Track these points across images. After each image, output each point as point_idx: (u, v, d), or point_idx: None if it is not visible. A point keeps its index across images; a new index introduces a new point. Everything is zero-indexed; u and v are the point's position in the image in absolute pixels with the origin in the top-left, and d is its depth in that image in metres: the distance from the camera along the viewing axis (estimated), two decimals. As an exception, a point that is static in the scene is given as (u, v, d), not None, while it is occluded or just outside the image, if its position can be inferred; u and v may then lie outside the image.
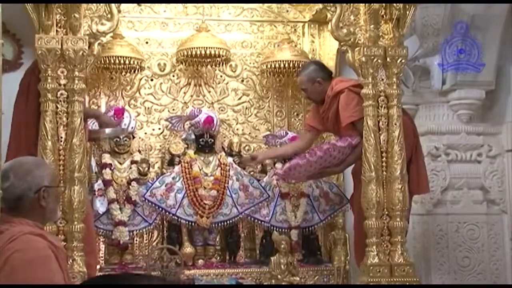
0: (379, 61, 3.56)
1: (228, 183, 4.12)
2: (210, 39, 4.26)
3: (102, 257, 4.04)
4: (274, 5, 4.57)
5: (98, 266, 3.74)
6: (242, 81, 4.59)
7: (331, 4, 3.67)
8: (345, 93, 3.73)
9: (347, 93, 3.72)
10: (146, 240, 4.18)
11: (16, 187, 2.13)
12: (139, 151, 4.18)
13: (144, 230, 4.07)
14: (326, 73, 4.00)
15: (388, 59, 3.57)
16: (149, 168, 4.14)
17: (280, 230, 4.12)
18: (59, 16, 3.32)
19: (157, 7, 4.45)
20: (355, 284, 3.69)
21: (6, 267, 1.98)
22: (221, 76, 4.55)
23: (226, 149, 4.33)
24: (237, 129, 4.54)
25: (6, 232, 2.05)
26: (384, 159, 3.56)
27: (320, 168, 3.78)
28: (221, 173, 4.13)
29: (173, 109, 4.47)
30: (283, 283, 3.77)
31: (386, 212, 3.55)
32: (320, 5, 4.05)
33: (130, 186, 4.02)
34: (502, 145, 4.54)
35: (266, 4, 4.56)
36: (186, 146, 4.21)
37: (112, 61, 4.15)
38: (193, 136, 4.20)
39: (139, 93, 4.45)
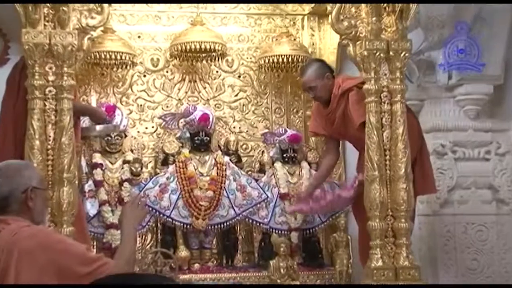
0: (382, 55, 3.56)
1: (224, 184, 4.13)
2: (205, 33, 4.27)
3: (93, 261, 4.04)
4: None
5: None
6: (239, 76, 4.59)
7: (331, -5, 3.68)
8: (354, 91, 3.74)
9: (357, 92, 3.73)
10: (139, 243, 4.18)
11: (3, 187, 2.17)
12: (132, 151, 4.19)
13: (137, 233, 4.06)
14: (330, 69, 4.04)
15: (391, 53, 3.57)
16: (142, 168, 4.15)
17: (279, 232, 4.14)
18: (47, 10, 3.32)
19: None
20: (354, 284, 3.70)
21: (24, 256, 2.07)
22: (217, 71, 4.56)
23: (222, 147, 4.34)
24: (234, 127, 4.54)
25: (4, 231, 2.13)
26: (387, 157, 3.56)
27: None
28: (217, 173, 4.14)
29: (167, 106, 4.48)
30: (283, 287, 3.78)
31: (390, 213, 3.56)
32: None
33: (122, 187, 4.04)
34: (512, 142, 4.56)
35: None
36: (180, 145, 4.22)
37: (103, 57, 4.16)
38: (188, 135, 4.21)
39: (131, 89, 4.45)
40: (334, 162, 4.15)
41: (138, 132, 4.42)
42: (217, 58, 4.42)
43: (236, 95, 4.58)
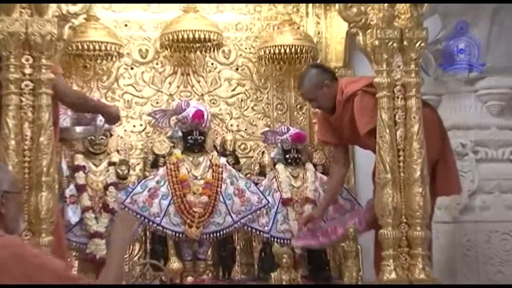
0: (395, 45, 3.56)
1: (221, 188, 4.14)
2: (199, 21, 4.28)
3: (75, 274, 4.04)
4: (273, -19, 4.60)
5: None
6: (237, 69, 4.60)
7: (339, -21, 3.68)
8: (358, 96, 3.75)
9: (361, 96, 3.74)
10: (126, 254, 4.19)
11: None
12: (118, 151, 4.19)
13: (127, 244, 4.07)
14: (330, 73, 4.04)
15: (405, 43, 3.57)
16: (129, 171, 4.16)
17: (281, 241, 4.13)
18: (23, -5, 3.32)
19: (138, -16, 4.47)
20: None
21: None
22: (212, 63, 4.57)
23: (218, 148, 4.34)
24: (231, 125, 4.56)
25: None
26: (401, 158, 3.56)
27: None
28: (212, 176, 4.14)
29: (157, 102, 4.49)
30: (286, 302, 3.79)
31: (405, 220, 3.55)
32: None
33: (107, 192, 4.04)
34: (539, 142, 4.55)
35: (263, -19, 4.59)
36: (172, 145, 4.23)
37: (86, 47, 4.17)
38: (180, 134, 4.21)
39: (117, 84, 4.46)
40: (345, 173, 4.16)
41: (125, 131, 4.42)
42: (212, 49, 4.43)
43: (234, 90, 4.59)
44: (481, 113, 4.54)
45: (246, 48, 4.61)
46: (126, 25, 4.49)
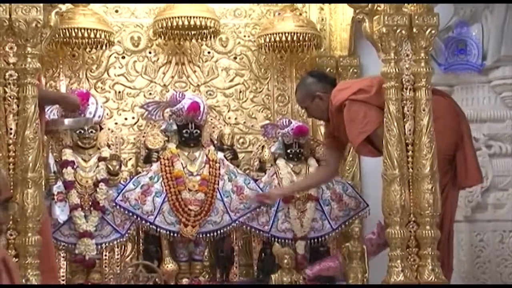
0: (404, 32, 3.55)
1: (218, 184, 4.14)
2: (195, 7, 4.27)
3: (63, 276, 4.05)
4: (273, -36, 4.59)
5: (58, 288, 3.76)
6: (235, 58, 4.60)
7: (343, -38, 3.68)
8: (346, 106, 3.76)
9: (349, 106, 3.75)
10: (117, 255, 4.19)
11: None
12: (108, 146, 4.19)
13: (115, 242, 4.10)
14: (328, 82, 4.04)
15: (414, 30, 3.56)
16: (120, 167, 4.16)
17: (282, 241, 4.16)
18: (7, -22, 3.31)
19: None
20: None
21: None
22: (208, 52, 4.57)
23: (215, 142, 4.34)
24: (229, 118, 4.56)
25: None
26: (410, 153, 3.56)
27: None
28: (209, 172, 4.15)
29: (150, 94, 4.49)
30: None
31: (413, 219, 3.56)
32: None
33: (98, 189, 4.04)
34: (557, 136, 4.55)
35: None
36: (166, 139, 4.23)
37: (74, 35, 4.16)
38: (174, 127, 4.21)
39: (108, 73, 4.46)
40: (328, 178, 4.22)
41: (116, 124, 4.42)
42: (209, 37, 4.42)
43: (232, 80, 4.59)
44: (495, 105, 4.55)
45: (245, 36, 4.61)
46: (116, 11, 4.49)
